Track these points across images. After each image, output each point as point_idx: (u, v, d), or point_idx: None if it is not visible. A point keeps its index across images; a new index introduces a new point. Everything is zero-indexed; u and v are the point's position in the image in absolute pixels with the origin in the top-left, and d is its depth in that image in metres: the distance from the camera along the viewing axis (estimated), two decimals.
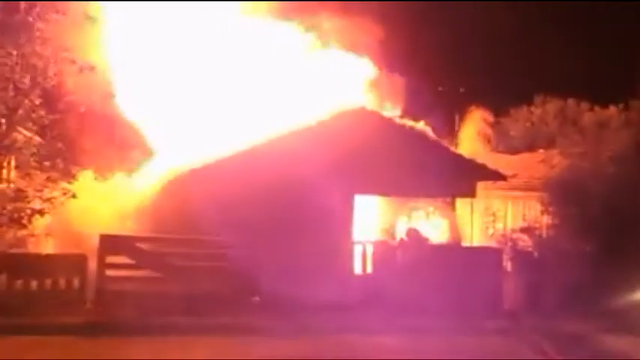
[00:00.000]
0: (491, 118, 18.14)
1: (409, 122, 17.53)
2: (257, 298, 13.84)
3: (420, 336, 11.78)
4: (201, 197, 16.23)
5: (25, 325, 11.66)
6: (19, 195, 14.26)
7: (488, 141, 20.55)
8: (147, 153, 18.96)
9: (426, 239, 15.19)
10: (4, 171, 15.31)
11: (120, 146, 18.51)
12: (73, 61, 14.76)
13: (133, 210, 16.75)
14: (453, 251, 14.83)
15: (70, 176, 15.24)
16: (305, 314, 12.87)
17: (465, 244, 16.14)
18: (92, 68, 15.14)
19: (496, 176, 16.39)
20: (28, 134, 15.17)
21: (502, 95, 20.54)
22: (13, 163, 15.39)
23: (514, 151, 18.29)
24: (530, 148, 18.10)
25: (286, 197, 15.16)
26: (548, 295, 13.94)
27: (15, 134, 14.85)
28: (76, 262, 13.30)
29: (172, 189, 17.58)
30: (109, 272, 13.62)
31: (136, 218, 16.38)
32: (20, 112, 14.60)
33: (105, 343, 10.95)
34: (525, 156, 17.97)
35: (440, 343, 11.39)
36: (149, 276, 13.96)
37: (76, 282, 13.28)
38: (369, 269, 15.06)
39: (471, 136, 19.77)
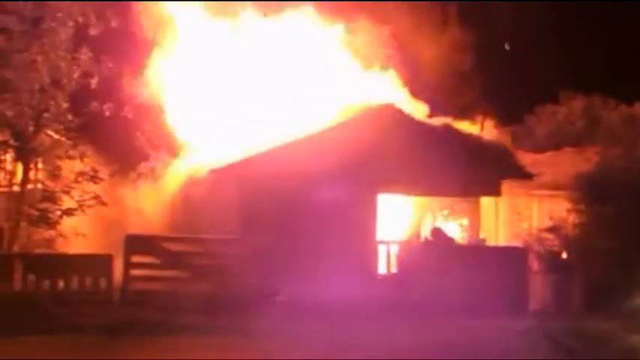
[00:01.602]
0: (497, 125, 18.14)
1: (435, 120, 17.49)
2: (280, 298, 13.83)
3: (444, 336, 11.70)
4: (227, 197, 16.37)
5: (52, 324, 11.81)
6: (48, 196, 14.47)
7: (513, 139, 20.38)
8: (173, 153, 19.13)
9: (451, 239, 15.12)
10: (32, 172, 15.52)
11: (146, 146, 18.66)
12: (101, 64, 14.95)
13: (159, 210, 16.92)
14: (478, 251, 14.73)
15: (98, 178, 15.39)
16: (328, 316, 12.82)
17: (490, 243, 15.99)
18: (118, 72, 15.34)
19: (522, 174, 16.24)
20: (56, 136, 15.38)
21: (526, 93, 20.37)
22: (40, 164, 15.62)
23: (539, 149, 18.08)
24: (556, 146, 17.90)
25: (309, 196, 15.17)
26: (576, 294, 13.80)
27: (42, 136, 15.06)
28: (103, 262, 13.44)
29: (197, 189, 17.74)
30: (135, 272, 13.77)
31: (162, 218, 16.54)
32: (47, 114, 14.80)
33: (130, 343, 11.03)
34: (551, 154, 17.77)
35: (465, 342, 11.31)
36: (175, 276, 14.10)
37: (102, 282, 13.43)
38: (393, 269, 15.02)
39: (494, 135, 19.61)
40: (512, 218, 16.26)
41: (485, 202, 16.78)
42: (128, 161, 18.75)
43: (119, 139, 18.00)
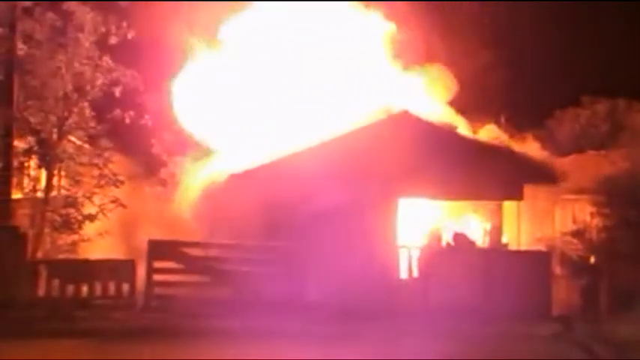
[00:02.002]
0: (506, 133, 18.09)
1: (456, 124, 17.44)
2: (303, 302, 13.78)
3: (468, 341, 11.60)
4: (247, 202, 16.38)
5: (75, 329, 11.89)
6: (71, 201, 14.60)
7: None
8: (194, 158, 19.22)
9: (473, 243, 15.00)
10: (55, 178, 15.66)
11: (163, 153, 18.77)
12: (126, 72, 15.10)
13: (181, 215, 16.97)
14: (501, 255, 14.58)
15: (119, 181, 15.51)
16: (350, 320, 12.78)
17: (513, 247, 15.86)
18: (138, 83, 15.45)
19: (545, 178, 16.10)
20: (79, 143, 15.53)
21: (548, 97, 20.22)
22: (62, 172, 15.77)
23: (562, 153, 17.92)
24: (580, 150, 17.73)
25: (331, 201, 15.15)
26: (601, 299, 13.62)
27: (65, 143, 15.22)
28: (125, 268, 13.51)
29: (219, 194, 17.79)
30: (158, 277, 13.82)
31: (183, 223, 16.59)
32: (70, 121, 14.96)
33: (153, 348, 11.05)
34: (574, 157, 17.59)
35: (489, 348, 11.20)
36: (197, 281, 14.13)
37: (125, 287, 13.50)
38: (415, 274, 14.94)
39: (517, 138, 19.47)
40: (535, 222, 16.07)
41: (508, 206, 16.65)
42: (148, 167, 18.90)
43: (139, 146, 18.15)
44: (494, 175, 15.62)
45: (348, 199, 15.06)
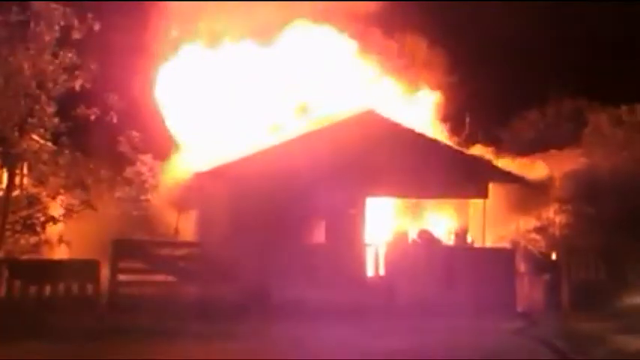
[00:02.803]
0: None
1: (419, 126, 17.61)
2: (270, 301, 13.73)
3: (431, 336, 11.67)
4: (213, 201, 16.33)
5: (38, 330, 11.71)
6: (33, 202, 14.34)
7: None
8: (161, 156, 19.10)
9: (438, 240, 15.13)
10: (17, 178, 15.37)
11: (130, 152, 18.60)
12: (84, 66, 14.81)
13: (146, 214, 16.86)
14: (465, 252, 14.74)
15: (85, 184, 15.25)
16: (317, 318, 12.76)
17: (478, 244, 16.05)
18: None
19: (508, 178, 16.32)
20: (42, 141, 15.24)
21: (512, 98, 20.49)
22: (25, 170, 15.48)
23: (526, 152, 18.23)
24: (543, 149, 18.05)
25: (297, 200, 15.18)
26: (563, 295, 13.83)
27: (28, 141, 14.91)
28: (89, 268, 13.34)
29: (185, 192, 17.71)
30: (122, 277, 13.69)
31: (149, 223, 16.48)
32: (33, 119, 14.66)
33: (117, 348, 10.92)
34: (537, 156, 17.89)
35: (453, 343, 11.28)
36: (162, 280, 14.03)
37: (89, 287, 13.32)
38: (382, 271, 15.01)
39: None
40: (500, 220, 16.29)
41: (473, 204, 16.84)
42: (115, 166, 18.65)
43: (105, 144, 17.93)
44: (460, 175, 15.82)
45: (317, 197, 15.10)
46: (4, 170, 14.85)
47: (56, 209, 15.05)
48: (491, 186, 16.28)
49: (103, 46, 16.02)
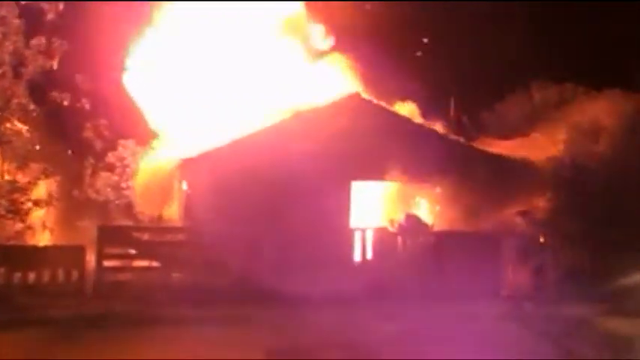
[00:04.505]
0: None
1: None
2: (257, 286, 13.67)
3: (418, 322, 11.72)
4: (198, 187, 16.21)
5: (23, 317, 11.58)
6: (15, 187, 14.16)
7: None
8: (143, 142, 18.88)
9: (426, 225, 15.15)
10: None
11: (96, 139, 18.32)
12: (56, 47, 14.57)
13: (129, 200, 16.68)
14: (452, 236, 14.77)
15: (66, 168, 15.10)
16: (304, 303, 12.74)
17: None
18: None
19: (495, 163, 16.39)
20: (19, 126, 15.03)
21: (497, 81, 20.48)
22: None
23: (509, 136, 18.26)
24: (528, 133, 18.09)
25: (282, 185, 15.12)
26: (548, 278, 13.93)
27: (4, 126, 14.70)
28: (75, 254, 13.22)
29: (170, 178, 17.56)
30: (107, 263, 13.57)
31: (131, 208, 16.31)
32: (11, 103, 14.46)
33: (103, 335, 10.84)
34: (520, 140, 17.93)
35: (441, 329, 11.34)
36: (148, 266, 13.93)
37: (74, 274, 13.21)
38: (369, 256, 15.02)
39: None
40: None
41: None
42: (94, 152, 18.43)
43: (78, 129, 17.68)
44: (445, 160, 15.86)
45: (301, 182, 15.04)
46: None
47: (38, 195, 14.90)
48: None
49: (76, 28, 15.78)
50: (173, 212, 17.65)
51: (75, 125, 16.15)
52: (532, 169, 16.48)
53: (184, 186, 16.65)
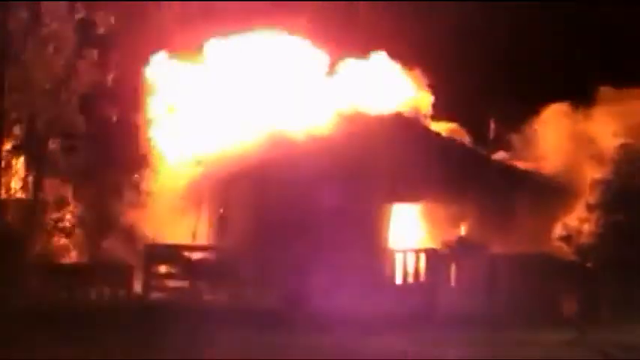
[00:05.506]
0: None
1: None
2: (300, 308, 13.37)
3: (480, 348, 11.40)
4: (232, 205, 16.03)
5: (71, 336, 11.25)
6: (61, 204, 13.97)
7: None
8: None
9: (481, 247, 14.86)
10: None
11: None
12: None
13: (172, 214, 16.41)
14: (507, 259, 14.47)
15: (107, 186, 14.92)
16: (349, 326, 12.38)
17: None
18: None
19: (543, 187, 16.21)
20: (65, 144, 14.85)
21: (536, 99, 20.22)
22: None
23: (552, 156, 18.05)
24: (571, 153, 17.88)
25: (323, 206, 14.96)
26: (602, 304, 13.74)
27: (50, 144, 14.53)
28: (122, 272, 13.00)
29: (201, 197, 17.33)
30: (154, 282, 13.37)
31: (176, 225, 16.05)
32: (58, 119, 14.31)
33: (151, 353, 10.49)
34: (564, 160, 17.71)
35: (502, 355, 11.03)
36: (194, 285, 13.72)
37: (121, 291, 12.99)
38: (410, 279, 14.79)
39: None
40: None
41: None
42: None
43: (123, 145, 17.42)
44: (489, 181, 15.73)
45: (342, 204, 14.90)
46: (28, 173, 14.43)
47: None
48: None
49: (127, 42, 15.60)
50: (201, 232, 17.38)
51: (122, 141, 15.94)
52: (578, 190, 16.30)
53: (216, 206, 16.47)
